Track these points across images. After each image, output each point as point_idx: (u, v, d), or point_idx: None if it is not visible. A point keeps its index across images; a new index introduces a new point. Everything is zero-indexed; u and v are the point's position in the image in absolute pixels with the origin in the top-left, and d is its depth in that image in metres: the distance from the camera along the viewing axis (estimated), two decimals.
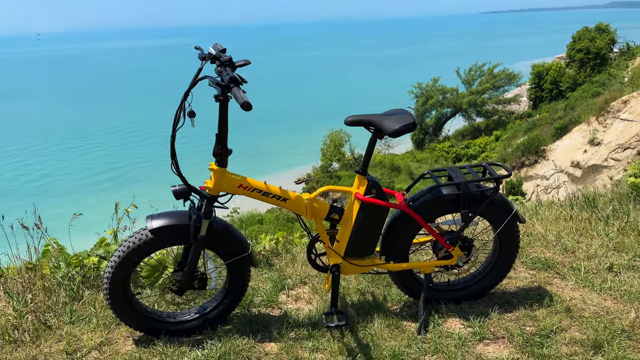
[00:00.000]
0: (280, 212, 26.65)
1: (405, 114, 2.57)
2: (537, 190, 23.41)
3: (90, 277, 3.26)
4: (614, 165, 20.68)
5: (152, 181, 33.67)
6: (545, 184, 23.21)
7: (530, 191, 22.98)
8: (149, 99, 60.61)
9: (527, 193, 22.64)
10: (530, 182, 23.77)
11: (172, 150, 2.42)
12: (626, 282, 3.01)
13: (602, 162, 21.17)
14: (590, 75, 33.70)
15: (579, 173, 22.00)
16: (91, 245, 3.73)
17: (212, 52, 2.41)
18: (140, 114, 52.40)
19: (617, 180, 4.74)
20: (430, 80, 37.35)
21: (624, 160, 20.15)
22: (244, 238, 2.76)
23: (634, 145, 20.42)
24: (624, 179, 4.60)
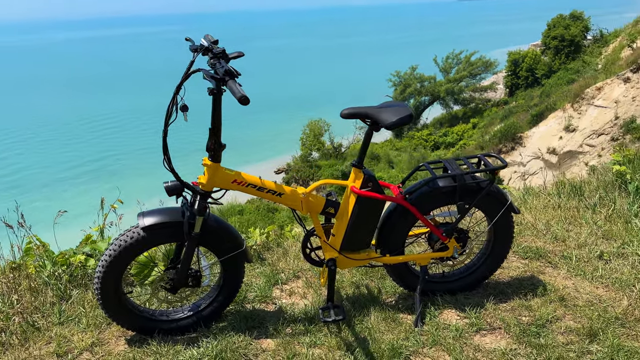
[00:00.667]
0: (261, 202, 26.53)
1: (402, 106, 2.55)
2: (513, 177, 23.77)
3: (78, 276, 3.17)
4: (588, 151, 21.08)
5: (133, 173, 33.23)
6: (522, 171, 23.56)
7: (508, 178, 23.34)
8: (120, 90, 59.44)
9: (504, 180, 22.99)
10: (508, 168, 24.06)
11: (164, 146, 2.35)
12: (617, 269, 3.05)
13: (577, 148, 21.56)
14: (565, 62, 34.19)
15: (555, 159, 22.36)
16: (74, 241, 3.64)
17: (204, 43, 2.34)
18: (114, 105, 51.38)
19: (601, 167, 4.80)
20: (408, 69, 37.43)
21: (599, 146, 20.57)
22: (238, 234, 2.71)
23: (608, 131, 20.84)
24: (608, 166, 4.66)
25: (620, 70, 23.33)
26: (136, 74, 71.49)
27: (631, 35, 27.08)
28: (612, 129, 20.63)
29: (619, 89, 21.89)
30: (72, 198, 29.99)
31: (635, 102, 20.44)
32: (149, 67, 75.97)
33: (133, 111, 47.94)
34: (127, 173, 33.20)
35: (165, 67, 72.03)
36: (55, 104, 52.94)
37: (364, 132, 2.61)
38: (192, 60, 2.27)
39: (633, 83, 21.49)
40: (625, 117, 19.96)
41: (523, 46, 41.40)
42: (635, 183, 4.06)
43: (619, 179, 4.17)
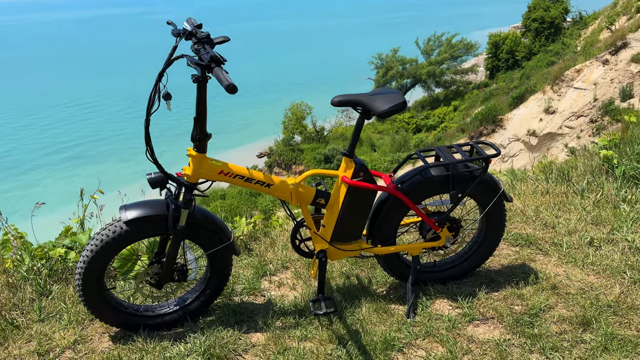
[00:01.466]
0: None
1: (395, 93, 2.47)
2: (494, 159, 23.95)
3: (58, 270, 3.06)
4: (568, 133, 21.29)
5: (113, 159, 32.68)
6: (502, 152, 23.74)
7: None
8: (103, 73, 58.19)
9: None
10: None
11: (146, 136, 2.24)
12: (607, 256, 3.04)
13: (557, 130, 21.75)
14: (545, 44, 34.38)
15: (535, 141, 22.55)
16: (51, 232, 3.52)
17: (187, 27, 2.22)
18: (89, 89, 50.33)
19: (587, 152, 4.80)
20: (390, 51, 37.29)
21: (577, 128, 20.77)
22: (225, 226, 2.62)
23: (587, 113, 21.04)
24: (595, 151, 4.66)
25: (599, 52, 23.52)
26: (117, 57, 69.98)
27: (610, 18, 27.31)
28: (591, 111, 20.82)
29: (597, 71, 22.08)
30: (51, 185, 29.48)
31: (613, 84, 20.63)
32: (130, 50, 74.37)
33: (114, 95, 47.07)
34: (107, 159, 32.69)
35: (146, 49, 70.76)
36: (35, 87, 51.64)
37: (356, 120, 2.53)
38: (174, 46, 2.15)
39: (612, 65, 21.68)
40: (604, 99, 20.15)
41: (503, 28, 41.52)
42: (621, 168, 4.06)
43: (606, 163, 4.17)
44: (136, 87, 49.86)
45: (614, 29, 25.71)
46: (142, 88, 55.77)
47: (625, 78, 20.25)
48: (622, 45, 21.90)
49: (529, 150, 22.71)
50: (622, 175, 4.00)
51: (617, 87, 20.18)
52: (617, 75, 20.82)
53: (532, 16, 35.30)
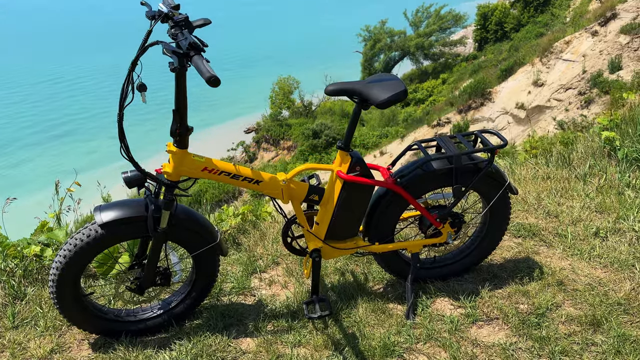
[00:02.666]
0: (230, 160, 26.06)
1: (394, 81, 2.25)
2: None
3: (33, 271, 2.85)
4: (556, 106, 21.19)
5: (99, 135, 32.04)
6: (491, 126, 23.63)
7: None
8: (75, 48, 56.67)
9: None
10: (477, 124, 24.12)
11: (120, 132, 2.01)
12: (614, 248, 2.89)
13: (545, 102, 21.64)
14: (534, 15, 34.01)
15: (523, 114, 22.45)
16: (24, 227, 3.30)
17: (162, 9, 1.97)
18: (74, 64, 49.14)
19: (588, 133, 4.63)
20: (378, 23, 36.66)
21: (566, 101, 20.68)
22: (211, 225, 2.42)
23: (575, 85, 20.93)
24: (595, 131, 4.50)
25: (588, 23, 23.28)
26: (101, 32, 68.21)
27: None
28: (580, 83, 20.71)
29: (587, 43, 21.88)
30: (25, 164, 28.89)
31: (602, 55, 20.48)
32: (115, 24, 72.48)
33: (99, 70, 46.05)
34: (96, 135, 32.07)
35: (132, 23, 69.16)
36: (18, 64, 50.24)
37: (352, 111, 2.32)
38: (149, 30, 1.91)
39: (601, 36, 21.49)
40: (593, 71, 20.02)
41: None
42: (624, 150, 3.91)
43: (608, 145, 4.01)
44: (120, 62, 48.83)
45: (603, 0, 25.42)
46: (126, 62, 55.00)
47: (614, 50, 20.11)
48: (611, 16, 21.70)
49: (518, 123, 22.63)
50: (624, 158, 3.85)
51: (606, 59, 20.04)
52: (606, 47, 20.66)
53: None
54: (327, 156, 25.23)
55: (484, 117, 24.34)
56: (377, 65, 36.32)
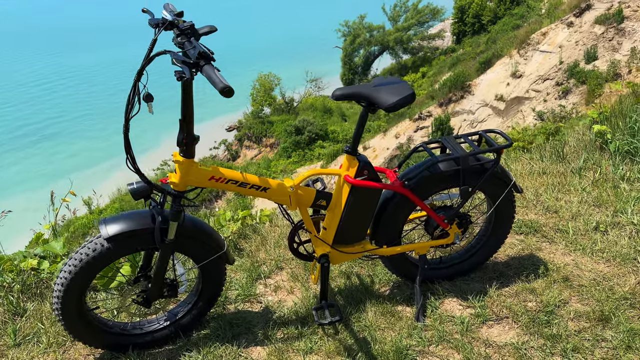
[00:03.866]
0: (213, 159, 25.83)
1: (401, 84, 2.24)
2: (463, 125, 24.10)
3: (32, 285, 2.77)
4: (535, 97, 21.45)
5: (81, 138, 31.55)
6: (471, 119, 23.86)
7: (458, 126, 23.64)
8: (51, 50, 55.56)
9: (455, 128, 23.28)
10: (458, 117, 24.32)
11: (126, 143, 1.96)
12: (615, 242, 2.93)
13: (524, 94, 21.89)
14: (510, 8, 34.35)
15: (503, 106, 22.68)
16: (10, 233, 3.21)
17: (167, 17, 1.92)
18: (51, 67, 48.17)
19: (579, 126, 4.69)
20: (357, 18, 36.65)
21: (544, 91, 20.94)
22: (218, 234, 2.38)
23: (553, 76, 21.21)
24: (585, 124, 4.55)
25: (564, 14, 23.58)
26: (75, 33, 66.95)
27: None
28: (557, 74, 20.99)
29: (563, 34, 22.17)
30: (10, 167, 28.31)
31: (578, 46, 20.76)
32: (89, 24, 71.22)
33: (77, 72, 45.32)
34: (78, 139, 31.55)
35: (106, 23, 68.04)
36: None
37: (359, 114, 2.30)
38: (154, 39, 1.86)
39: (576, 27, 21.79)
40: (569, 62, 20.30)
41: None
42: (616, 143, 3.96)
43: (600, 138, 4.06)
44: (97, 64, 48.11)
45: None
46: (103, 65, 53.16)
47: (589, 40, 20.39)
48: (586, 7, 21.98)
49: (498, 115, 22.85)
50: (616, 151, 3.90)
51: (582, 50, 20.32)
52: (582, 38, 20.94)
53: None
54: (310, 152, 25.19)
55: (465, 109, 24.54)
56: (357, 60, 36.36)
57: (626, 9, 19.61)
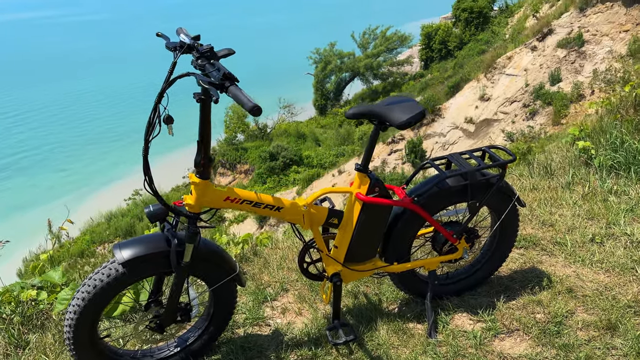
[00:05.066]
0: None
1: (411, 102, 2.29)
2: (435, 147, 24.51)
3: (32, 317, 2.68)
4: (503, 118, 22.05)
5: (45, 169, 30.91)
6: (442, 141, 24.31)
7: (430, 149, 24.04)
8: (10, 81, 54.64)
9: (427, 151, 23.68)
10: (430, 140, 24.76)
11: (145, 165, 1.95)
12: (612, 252, 3.01)
13: (493, 116, 22.47)
14: (475, 34, 35.48)
15: (472, 128, 23.21)
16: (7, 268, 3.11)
17: (185, 40, 1.94)
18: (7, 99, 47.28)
19: (562, 142, 4.84)
20: (327, 46, 37.25)
21: (512, 113, 21.55)
22: (229, 256, 2.37)
23: (520, 98, 21.87)
24: (567, 141, 4.70)
25: (527, 39, 24.46)
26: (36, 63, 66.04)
27: (535, 6, 28.44)
28: (524, 96, 21.65)
29: (527, 57, 22.96)
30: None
31: (542, 69, 21.52)
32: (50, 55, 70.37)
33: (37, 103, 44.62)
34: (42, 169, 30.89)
35: (69, 53, 67.39)
36: None
37: (370, 133, 2.34)
38: (174, 62, 1.87)
39: (540, 51, 22.61)
40: (535, 84, 20.99)
41: (434, 19, 42.50)
42: (599, 158, 4.10)
43: (584, 154, 4.20)
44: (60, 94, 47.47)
45: (539, 17, 26.80)
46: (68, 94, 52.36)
47: (553, 63, 21.15)
48: (548, 31, 22.85)
49: (468, 137, 23.33)
50: (600, 166, 4.04)
51: (547, 72, 21.04)
52: (546, 61, 21.71)
53: (461, 6, 36.31)
54: (285, 177, 25.18)
55: (436, 132, 25.01)
56: (329, 86, 36.83)
57: (586, 33, 20.45)
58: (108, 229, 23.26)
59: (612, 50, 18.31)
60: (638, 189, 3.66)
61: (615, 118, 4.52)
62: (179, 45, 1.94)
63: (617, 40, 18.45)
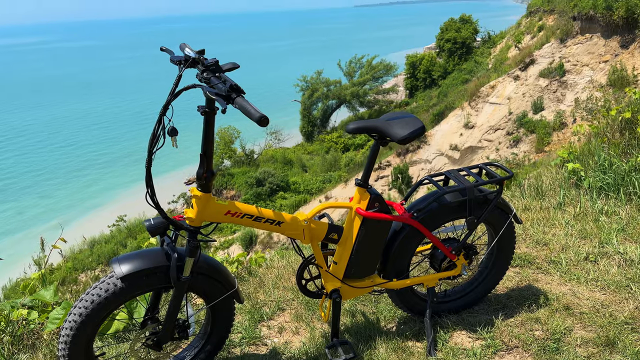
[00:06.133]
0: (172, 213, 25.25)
1: (411, 118, 2.32)
2: (421, 173, 24.70)
3: (23, 336, 2.61)
4: (487, 146, 22.36)
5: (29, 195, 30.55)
6: (428, 167, 24.53)
7: (416, 175, 24.23)
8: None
9: (413, 177, 23.87)
10: (416, 166, 24.98)
11: (147, 177, 1.94)
12: (606, 271, 3.03)
13: (477, 143, 22.79)
14: (459, 63, 36.22)
15: (457, 155, 23.49)
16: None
17: (190, 54, 1.95)
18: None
19: (551, 164, 4.92)
20: (314, 73, 37.72)
21: (496, 141, 21.87)
22: (228, 272, 2.34)
23: (503, 126, 22.25)
24: (556, 163, 4.78)
25: (509, 69, 25.05)
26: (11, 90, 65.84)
27: (517, 37, 29.20)
28: (507, 124, 22.04)
29: (510, 87, 23.46)
30: None
31: (525, 97, 21.98)
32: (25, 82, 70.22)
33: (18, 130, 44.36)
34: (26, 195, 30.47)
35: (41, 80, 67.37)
36: None
37: (370, 148, 2.35)
38: (179, 75, 1.89)
39: (522, 80, 23.13)
40: (518, 112, 21.39)
41: (419, 49, 43.39)
42: (589, 180, 4.17)
43: (574, 176, 4.26)
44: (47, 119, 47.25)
45: (521, 47, 27.50)
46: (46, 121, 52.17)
47: (535, 92, 21.60)
48: (530, 61, 23.40)
49: (453, 163, 23.58)
50: (590, 187, 4.10)
51: (529, 101, 21.47)
52: (528, 90, 22.18)
53: (445, 37, 37.14)
54: (271, 204, 25.11)
55: (422, 159, 25.26)
56: (316, 113, 37.15)
57: (566, 63, 20.98)
58: (91, 256, 22.87)
59: (592, 80, 18.77)
60: (628, 210, 3.72)
61: (602, 141, 4.61)
62: (184, 59, 1.95)
63: (597, 70, 18.95)
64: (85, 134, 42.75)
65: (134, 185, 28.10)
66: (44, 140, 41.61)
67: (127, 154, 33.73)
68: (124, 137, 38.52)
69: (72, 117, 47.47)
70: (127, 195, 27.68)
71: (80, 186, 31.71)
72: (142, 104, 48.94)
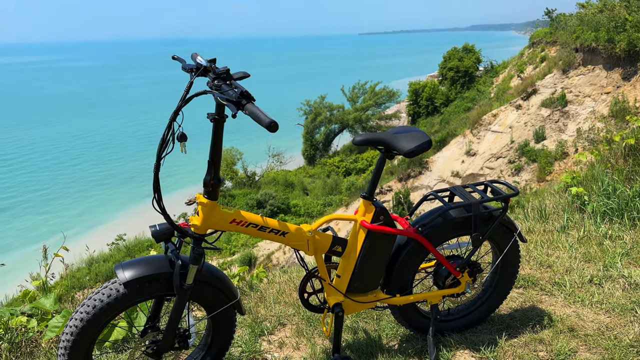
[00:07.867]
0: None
1: (418, 132, 2.33)
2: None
3: (21, 344, 2.58)
4: (489, 173, 22.37)
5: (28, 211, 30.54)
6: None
7: (417, 201, 24.19)
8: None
9: (414, 203, 23.82)
10: (417, 192, 24.96)
11: (155, 182, 1.94)
12: (611, 293, 3.01)
13: (479, 170, 22.81)
14: (461, 91, 36.52)
15: (459, 182, 23.48)
16: None
17: (202, 63, 1.98)
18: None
19: (555, 189, 4.92)
20: (317, 98, 38.04)
21: (497, 168, 21.90)
22: (231, 282, 2.33)
23: (505, 154, 22.31)
24: (560, 187, 4.78)
25: (511, 98, 25.24)
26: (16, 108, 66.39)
27: (519, 67, 29.50)
28: (509, 152, 22.10)
29: (512, 115, 23.60)
30: None
31: (527, 127, 22.09)
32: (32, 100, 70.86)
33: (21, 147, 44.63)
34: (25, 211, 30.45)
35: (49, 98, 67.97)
36: None
37: (377, 161, 2.36)
38: (190, 82, 1.91)
39: (524, 110, 23.28)
40: (520, 141, 21.46)
41: (421, 77, 43.83)
42: (593, 204, 4.16)
43: (578, 200, 4.26)
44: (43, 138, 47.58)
45: (523, 77, 27.76)
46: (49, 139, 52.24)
47: (537, 121, 21.72)
48: (532, 91, 23.59)
49: None
50: (593, 212, 4.09)
51: (531, 130, 21.57)
52: (530, 119, 22.30)
53: (448, 65, 37.52)
54: None
55: (423, 184, 25.26)
56: (319, 137, 37.35)
57: (569, 93, 21.14)
58: (88, 274, 22.70)
59: (594, 111, 18.90)
60: (632, 234, 3.71)
61: (606, 167, 4.63)
62: (195, 67, 1.98)
63: (599, 101, 19.09)
64: (90, 152, 42.90)
65: (141, 203, 27.95)
66: (46, 157, 41.76)
67: (131, 177, 33.76)
68: (128, 155, 38.52)
69: (78, 135, 47.74)
70: (130, 214, 27.66)
71: (82, 204, 31.69)
72: (151, 124, 49.20)
